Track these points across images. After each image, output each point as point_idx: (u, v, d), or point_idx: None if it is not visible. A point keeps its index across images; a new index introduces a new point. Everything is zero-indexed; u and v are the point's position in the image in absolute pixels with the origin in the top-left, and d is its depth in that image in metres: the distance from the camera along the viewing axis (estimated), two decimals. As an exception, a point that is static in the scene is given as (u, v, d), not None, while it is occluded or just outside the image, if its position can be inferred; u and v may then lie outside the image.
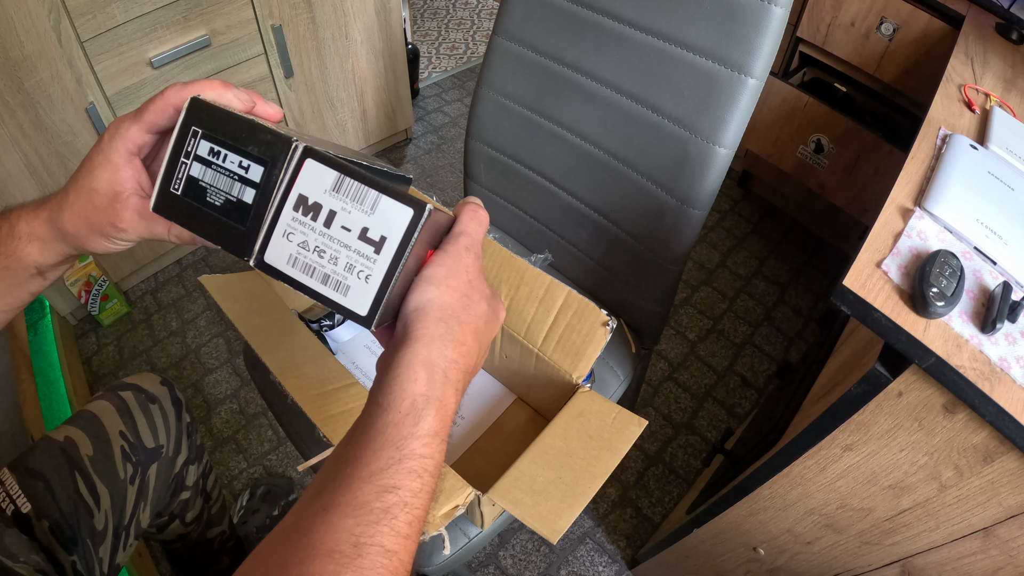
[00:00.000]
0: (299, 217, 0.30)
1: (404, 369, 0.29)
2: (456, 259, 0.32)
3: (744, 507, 0.70)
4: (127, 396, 0.72)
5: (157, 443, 0.72)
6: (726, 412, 1.37)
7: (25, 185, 1.18)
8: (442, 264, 0.32)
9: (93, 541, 0.63)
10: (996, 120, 0.69)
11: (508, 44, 0.82)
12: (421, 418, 0.28)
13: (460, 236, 0.34)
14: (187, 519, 0.85)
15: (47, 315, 1.35)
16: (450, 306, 0.31)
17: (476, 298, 0.33)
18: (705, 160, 0.68)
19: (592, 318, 0.62)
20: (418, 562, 0.69)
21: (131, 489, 0.68)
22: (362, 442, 0.27)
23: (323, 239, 0.30)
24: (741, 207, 1.80)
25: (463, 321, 0.31)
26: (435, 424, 0.28)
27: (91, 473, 0.64)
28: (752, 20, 0.61)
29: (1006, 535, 0.49)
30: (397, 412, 0.27)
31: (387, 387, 0.28)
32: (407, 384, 0.28)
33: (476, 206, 0.36)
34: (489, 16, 2.60)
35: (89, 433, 0.66)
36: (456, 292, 0.31)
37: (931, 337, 0.45)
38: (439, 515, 0.52)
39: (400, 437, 0.27)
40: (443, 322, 0.30)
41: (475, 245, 0.34)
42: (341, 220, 0.30)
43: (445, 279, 0.31)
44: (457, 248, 0.33)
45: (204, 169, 0.31)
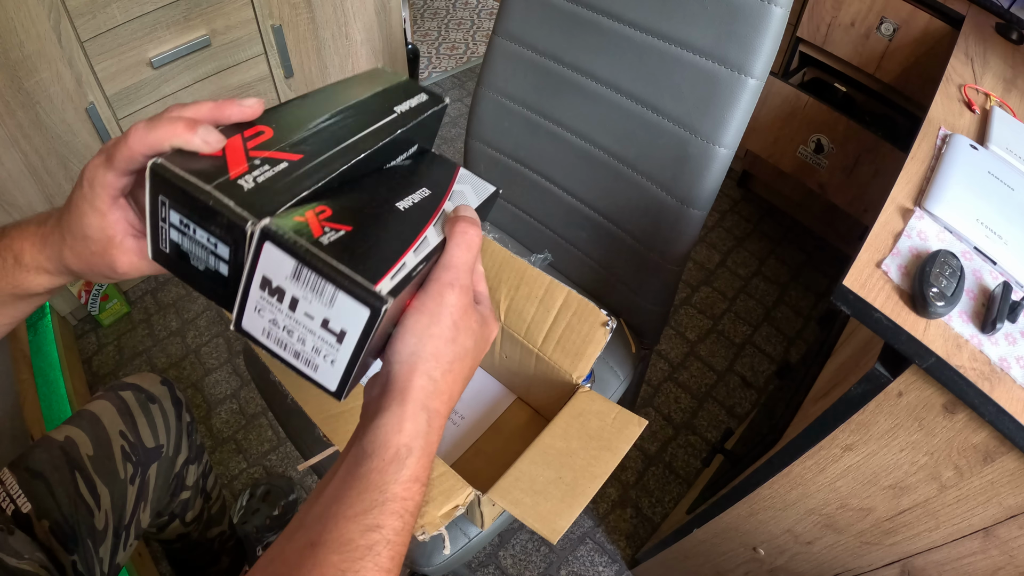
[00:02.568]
0: (266, 297, 0.30)
1: (389, 419, 0.30)
2: (438, 303, 0.32)
3: (744, 507, 0.70)
4: (127, 396, 0.72)
5: (157, 443, 0.72)
6: (726, 412, 1.37)
7: (25, 185, 1.18)
8: (423, 311, 0.32)
9: (93, 541, 0.62)
10: (996, 120, 0.69)
11: (508, 44, 0.82)
12: (404, 466, 0.30)
13: (443, 273, 0.33)
14: (187, 519, 0.85)
15: (47, 315, 1.35)
16: (433, 356, 0.32)
17: (461, 339, 0.33)
18: (705, 160, 0.68)
19: (592, 318, 0.62)
20: (418, 562, 0.69)
21: (131, 489, 0.68)
22: (347, 483, 0.29)
23: (290, 320, 0.30)
24: (741, 207, 1.80)
25: (448, 370, 0.32)
26: (416, 470, 0.30)
27: (91, 473, 0.64)
28: (752, 20, 0.61)
29: (1006, 535, 0.49)
30: (381, 460, 0.29)
31: (372, 434, 0.30)
32: (391, 435, 0.30)
33: (466, 225, 0.35)
34: (489, 16, 2.60)
35: (89, 433, 0.66)
36: (440, 340, 0.32)
37: (931, 337, 0.45)
38: (439, 515, 0.52)
39: (384, 482, 0.29)
40: (427, 375, 0.31)
41: (460, 277, 0.33)
42: (304, 307, 0.30)
43: (427, 328, 0.32)
44: (440, 288, 0.32)
45: (181, 236, 0.31)
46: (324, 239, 0.29)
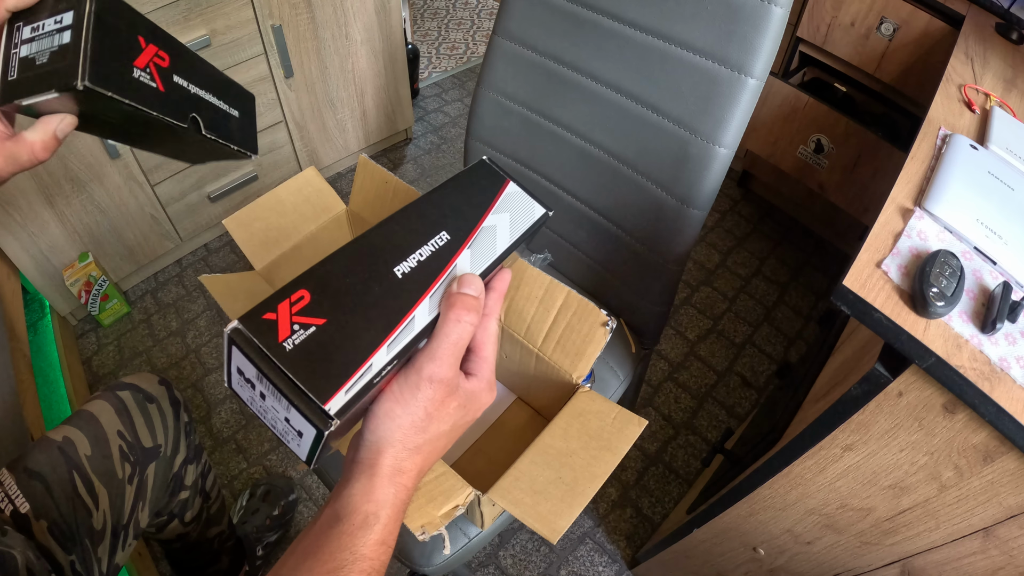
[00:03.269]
0: (242, 383, 0.32)
1: (359, 488, 0.33)
2: (412, 394, 0.33)
3: (744, 507, 0.70)
4: (125, 396, 0.72)
5: (155, 442, 0.72)
6: (726, 412, 1.37)
7: (25, 185, 1.18)
8: (397, 400, 0.34)
9: (92, 541, 0.62)
10: (996, 120, 0.69)
11: (508, 44, 0.82)
12: (371, 531, 0.33)
13: (425, 363, 0.33)
14: (186, 519, 0.85)
15: (47, 315, 1.35)
16: (401, 442, 0.34)
17: (434, 428, 0.34)
18: (705, 160, 0.68)
19: (592, 318, 0.62)
20: (418, 562, 0.69)
21: (129, 489, 0.68)
22: (320, 542, 0.32)
23: (262, 405, 0.32)
24: (741, 207, 1.80)
25: (416, 451, 0.35)
26: (383, 535, 0.33)
27: (89, 473, 0.64)
28: (752, 20, 0.61)
29: (1006, 535, 0.49)
30: (351, 524, 0.32)
31: (345, 500, 0.33)
32: (361, 503, 0.33)
33: (461, 312, 0.34)
34: (489, 16, 2.60)
35: (87, 433, 0.66)
36: (410, 429, 0.34)
37: (931, 337, 0.45)
38: (439, 515, 0.52)
39: (354, 545, 0.32)
40: (394, 457, 0.34)
41: (441, 372, 0.33)
42: (270, 402, 0.32)
43: (399, 417, 0.34)
44: (417, 381, 0.33)
45: None
46: (289, 342, 0.30)
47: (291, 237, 0.76)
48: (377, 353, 0.32)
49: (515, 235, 0.41)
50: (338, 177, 1.86)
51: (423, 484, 0.53)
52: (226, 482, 1.23)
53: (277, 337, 0.30)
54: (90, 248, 1.37)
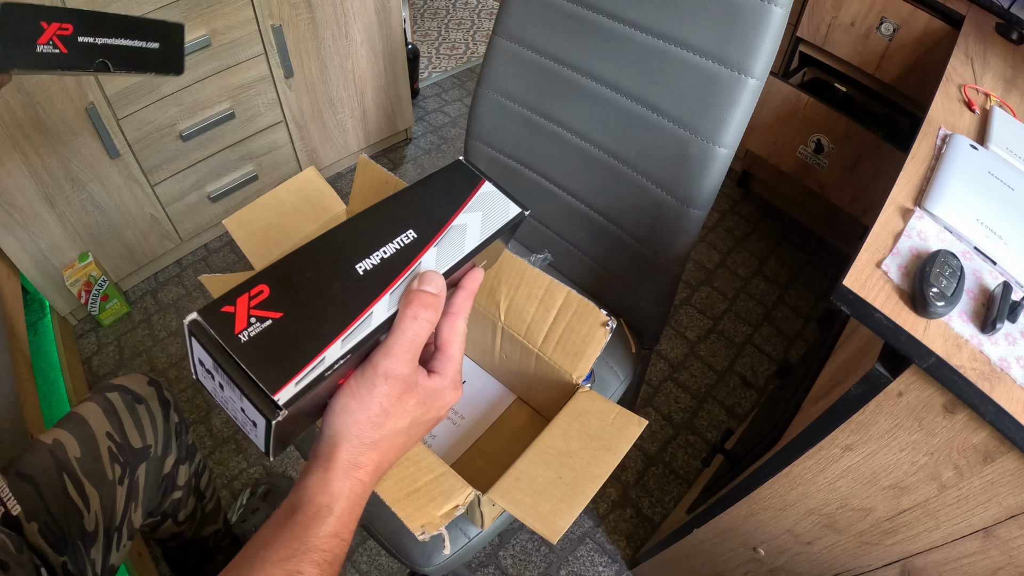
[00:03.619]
0: (203, 374, 0.33)
1: (315, 481, 0.34)
2: (369, 390, 0.34)
3: (744, 507, 0.70)
4: (113, 397, 0.72)
5: (144, 443, 0.73)
6: (726, 412, 1.37)
7: (25, 185, 1.18)
8: (354, 395, 0.34)
9: (84, 542, 0.63)
10: (996, 120, 0.69)
11: (508, 44, 0.82)
12: (324, 524, 0.33)
13: (382, 359, 0.34)
14: (180, 518, 0.85)
15: (47, 315, 1.35)
16: (357, 437, 0.34)
17: (390, 423, 0.35)
18: (705, 160, 0.68)
19: (592, 318, 0.62)
20: (418, 562, 0.69)
21: (120, 490, 0.68)
22: (276, 532, 0.33)
23: (221, 396, 0.33)
24: (741, 207, 1.80)
25: (373, 447, 0.35)
26: (336, 528, 0.34)
27: (79, 475, 0.64)
28: (752, 20, 0.61)
29: (1006, 535, 0.49)
30: (304, 515, 0.33)
31: (301, 492, 0.34)
32: (316, 495, 0.34)
33: (418, 309, 0.34)
34: (489, 16, 2.60)
35: (76, 435, 0.66)
36: (365, 424, 0.34)
37: (931, 337, 0.45)
38: (439, 515, 0.52)
39: (306, 535, 0.33)
40: (350, 451, 0.35)
41: (397, 368, 0.34)
42: (227, 393, 0.32)
43: (355, 412, 0.34)
44: (373, 377, 0.34)
45: None
46: (244, 334, 0.31)
47: (291, 237, 0.76)
48: (331, 347, 0.32)
49: (486, 234, 0.41)
50: (338, 177, 1.86)
51: (422, 484, 0.53)
52: (226, 482, 1.23)
53: (233, 329, 0.31)
54: (90, 248, 1.37)
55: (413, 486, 0.53)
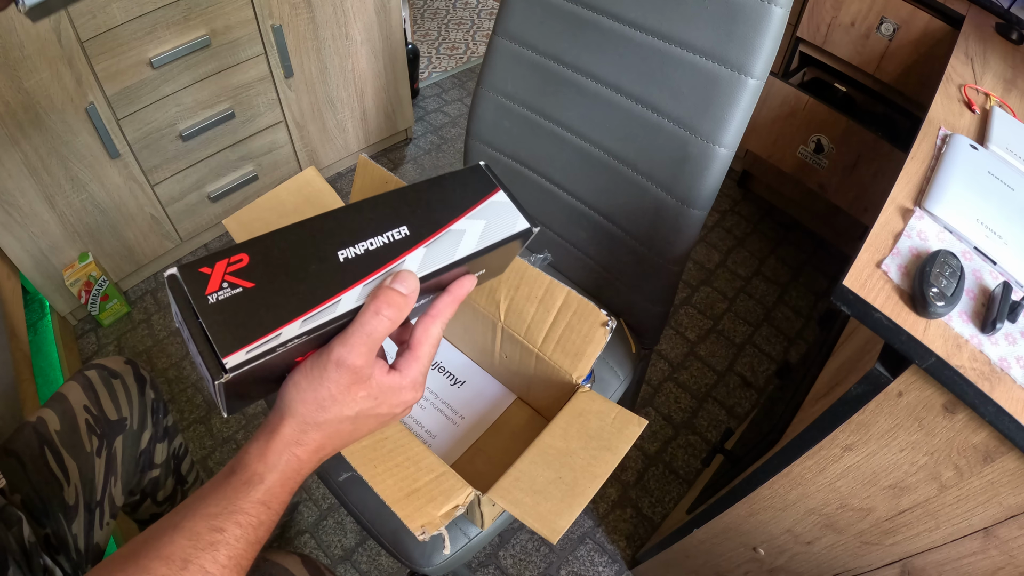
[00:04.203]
0: (180, 322, 0.34)
1: (255, 448, 0.36)
2: (320, 373, 0.35)
3: (744, 507, 0.70)
4: (91, 374, 0.75)
5: (120, 415, 0.74)
6: (726, 412, 1.37)
7: (25, 185, 1.18)
8: (307, 375, 0.36)
9: (65, 515, 0.64)
10: (996, 120, 0.69)
11: (508, 44, 0.82)
12: (253, 490, 0.35)
13: (338, 347, 0.34)
14: (159, 498, 0.87)
15: (47, 315, 1.35)
16: (302, 415, 0.36)
17: (336, 410, 0.36)
18: (705, 160, 0.68)
19: (592, 318, 0.62)
20: (418, 562, 0.69)
21: (99, 462, 0.70)
22: (212, 488, 0.35)
23: (191, 348, 0.34)
24: (741, 207, 1.80)
25: (316, 427, 0.36)
26: (265, 496, 0.35)
27: (59, 447, 0.66)
28: (752, 20, 0.61)
29: (1006, 535, 0.49)
30: (238, 479, 0.35)
31: (242, 455, 0.36)
32: (252, 461, 0.36)
33: (380, 305, 0.34)
34: (489, 16, 2.60)
35: (56, 410, 0.69)
36: (312, 405, 0.36)
37: (931, 337, 0.45)
38: (439, 515, 0.52)
39: (235, 496, 0.35)
40: (295, 427, 0.36)
41: (350, 357, 0.34)
42: (191, 347, 0.34)
43: (304, 391, 0.36)
44: (326, 361, 0.35)
45: None
46: (213, 296, 0.33)
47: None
48: (290, 325, 0.33)
49: (483, 244, 0.40)
50: (338, 177, 1.86)
51: (422, 484, 0.53)
52: (226, 482, 1.23)
53: (205, 290, 0.33)
54: (90, 248, 1.37)
55: (413, 486, 0.53)
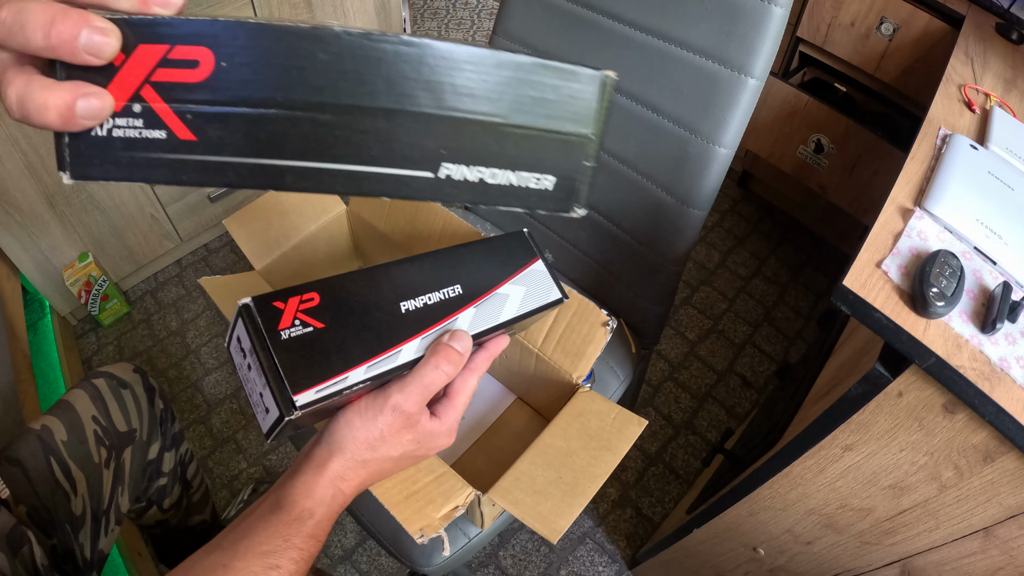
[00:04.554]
0: (239, 349, 0.36)
1: (303, 483, 0.37)
2: (375, 415, 0.37)
3: (744, 507, 0.70)
4: (99, 383, 0.74)
5: (130, 427, 0.74)
6: (726, 412, 1.37)
7: (25, 185, 1.18)
8: (362, 415, 0.37)
9: (72, 525, 0.64)
10: (996, 120, 0.69)
11: (508, 44, 0.82)
12: (304, 525, 0.36)
13: (396, 393, 0.37)
14: (165, 506, 0.86)
15: (47, 315, 1.35)
16: (354, 452, 0.38)
17: (384, 449, 0.38)
18: (705, 160, 0.68)
19: (592, 318, 0.62)
20: (418, 562, 0.69)
21: (106, 473, 0.69)
22: (259, 526, 0.36)
23: (246, 374, 0.36)
24: (741, 207, 1.80)
25: (362, 465, 0.38)
26: (315, 530, 0.37)
27: (65, 457, 0.65)
28: (752, 20, 0.61)
29: (1006, 535, 0.49)
30: (288, 515, 0.36)
31: (288, 489, 0.37)
32: (301, 497, 0.37)
33: (440, 360, 0.37)
34: (489, 16, 2.60)
35: (63, 420, 0.68)
36: (363, 444, 0.38)
37: (931, 337, 0.45)
38: (438, 517, 0.52)
39: (288, 534, 0.36)
40: (342, 464, 0.38)
41: (406, 404, 0.37)
42: (254, 374, 0.35)
43: (357, 430, 0.37)
44: (383, 404, 0.37)
45: None
46: (286, 333, 0.34)
47: (291, 237, 0.76)
48: (356, 370, 0.35)
49: (524, 309, 0.43)
50: (338, 177, 1.86)
51: (421, 486, 0.53)
52: (226, 482, 1.23)
53: (278, 324, 0.34)
54: (90, 248, 1.37)
55: (412, 488, 0.53)
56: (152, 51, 0.22)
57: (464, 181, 0.27)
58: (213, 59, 0.23)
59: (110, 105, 0.23)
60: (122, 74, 0.23)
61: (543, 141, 0.28)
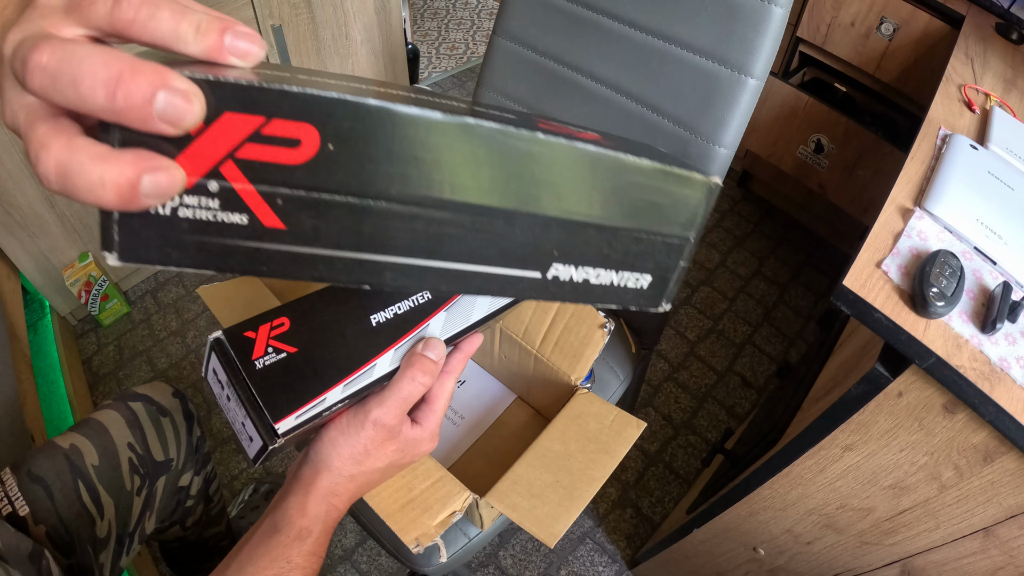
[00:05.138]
0: (215, 380, 0.36)
1: (295, 503, 0.38)
2: (357, 430, 0.37)
3: (744, 507, 0.70)
4: (137, 407, 0.71)
5: (167, 456, 0.72)
6: (726, 412, 1.36)
7: (25, 185, 1.18)
8: (344, 431, 0.37)
9: (93, 548, 0.62)
10: (996, 120, 0.69)
11: (508, 44, 0.82)
12: (304, 544, 0.37)
13: (375, 407, 0.36)
14: (187, 524, 0.86)
15: (47, 315, 1.35)
16: (339, 468, 0.38)
17: (370, 463, 0.38)
18: (705, 160, 0.68)
19: (590, 320, 0.62)
20: (417, 563, 0.69)
21: (137, 500, 0.67)
22: (259, 552, 0.36)
23: (226, 405, 0.35)
24: (741, 207, 1.80)
25: (350, 479, 0.38)
26: (315, 547, 0.37)
27: (95, 483, 0.63)
28: (752, 20, 0.61)
29: (1006, 535, 0.49)
30: (287, 536, 0.37)
31: (282, 511, 0.37)
32: (295, 517, 0.37)
33: (417, 372, 0.36)
34: (489, 16, 2.60)
35: (96, 443, 0.65)
36: (348, 459, 0.38)
37: (931, 337, 0.45)
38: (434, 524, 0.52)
39: (289, 555, 0.36)
40: (330, 479, 0.38)
41: (386, 417, 0.36)
42: (233, 404, 0.34)
43: (341, 446, 0.37)
44: (363, 419, 0.37)
45: None
46: (260, 362, 0.34)
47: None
48: (333, 390, 0.34)
49: (493, 307, 0.42)
50: (338, 177, 1.86)
51: (418, 493, 0.53)
52: (226, 482, 1.23)
53: (251, 355, 0.34)
54: (90, 248, 1.37)
55: (408, 496, 0.53)
56: (241, 122, 0.18)
57: (569, 281, 0.26)
58: (318, 139, 0.19)
59: (182, 181, 0.18)
60: (199, 144, 0.18)
61: (650, 243, 0.27)
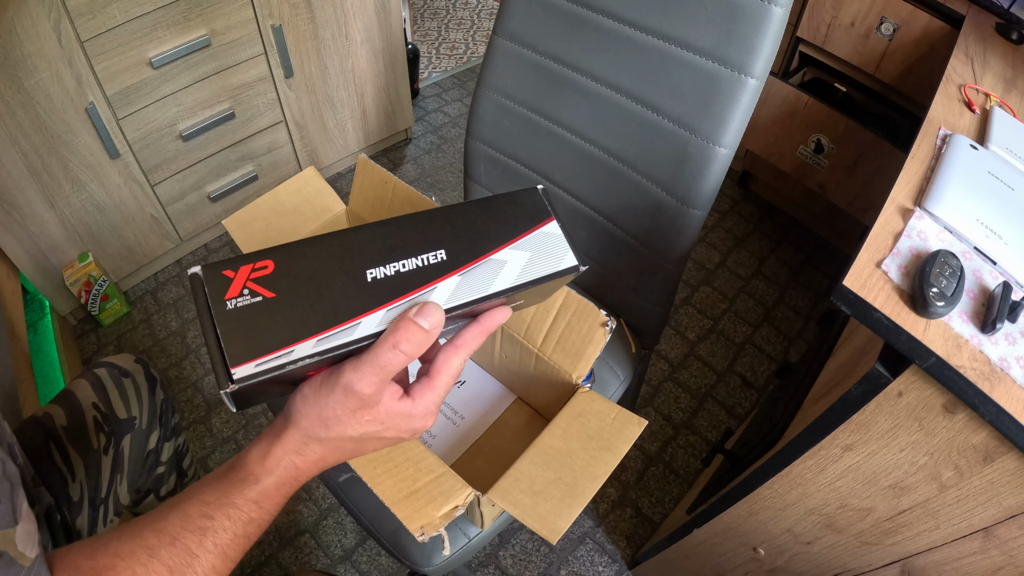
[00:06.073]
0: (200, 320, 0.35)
1: (257, 451, 0.38)
2: (327, 393, 0.35)
3: (744, 507, 0.70)
4: (100, 372, 0.74)
5: (129, 414, 0.74)
6: (726, 412, 1.37)
7: (25, 185, 1.18)
8: (317, 391, 0.36)
9: (69, 510, 0.64)
10: (996, 120, 0.69)
11: (508, 44, 0.82)
12: (248, 488, 0.37)
13: (350, 372, 0.33)
14: (161, 493, 0.87)
15: (47, 315, 1.35)
16: (307, 428, 0.37)
17: (337, 429, 0.36)
18: (705, 160, 0.68)
19: (591, 318, 0.62)
20: (418, 562, 0.69)
21: (105, 460, 0.69)
22: (208, 479, 0.38)
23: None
24: (741, 207, 1.80)
25: (317, 441, 0.37)
26: (257, 496, 0.37)
27: (64, 442, 0.66)
28: (752, 20, 0.61)
29: (1006, 535, 0.49)
30: (235, 476, 0.37)
31: (244, 454, 0.38)
32: (252, 462, 0.37)
33: (399, 338, 0.32)
34: (489, 16, 2.60)
35: (63, 406, 0.69)
36: (317, 421, 0.36)
37: (931, 337, 0.45)
38: (438, 516, 0.52)
39: (230, 490, 0.37)
40: (297, 437, 0.37)
41: (359, 384, 0.33)
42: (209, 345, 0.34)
43: (310, 407, 0.36)
44: (335, 383, 0.34)
45: None
46: (232, 302, 0.32)
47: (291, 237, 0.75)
48: (304, 343, 0.32)
49: (525, 278, 0.37)
50: (338, 177, 1.86)
51: (421, 485, 0.53)
52: (226, 482, 1.23)
53: (225, 294, 0.32)
54: (90, 248, 1.37)
55: (412, 487, 0.53)
56: None
57: None
58: None
59: None
60: None
61: None
